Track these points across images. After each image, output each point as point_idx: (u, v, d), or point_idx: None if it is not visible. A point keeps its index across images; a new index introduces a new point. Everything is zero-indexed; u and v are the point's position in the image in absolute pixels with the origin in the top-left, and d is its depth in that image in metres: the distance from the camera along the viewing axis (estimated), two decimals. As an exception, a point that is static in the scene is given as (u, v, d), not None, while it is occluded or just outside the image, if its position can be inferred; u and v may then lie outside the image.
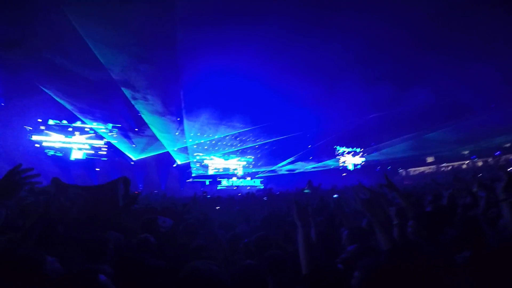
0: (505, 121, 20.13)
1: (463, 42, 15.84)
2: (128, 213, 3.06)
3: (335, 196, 5.36)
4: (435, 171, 27.55)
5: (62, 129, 18.10)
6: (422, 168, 28.94)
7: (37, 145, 17.10)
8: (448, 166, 27.52)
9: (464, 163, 26.93)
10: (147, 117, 19.84)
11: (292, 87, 19.20)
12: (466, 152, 26.60)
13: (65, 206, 2.26)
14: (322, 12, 14.89)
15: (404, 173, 29.52)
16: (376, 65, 17.36)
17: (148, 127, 20.09)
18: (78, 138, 18.41)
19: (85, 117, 18.79)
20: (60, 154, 17.70)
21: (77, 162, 18.31)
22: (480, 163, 25.69)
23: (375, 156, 27.78)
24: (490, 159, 25.05)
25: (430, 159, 28.43)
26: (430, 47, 16.67)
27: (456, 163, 27.20)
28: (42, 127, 17.47)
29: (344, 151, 26.92)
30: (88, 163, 18.70)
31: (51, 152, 17.46)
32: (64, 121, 18.15)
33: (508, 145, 23.83)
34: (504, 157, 24.25)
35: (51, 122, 17.71)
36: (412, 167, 29.13)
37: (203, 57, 16.35)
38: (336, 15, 15.08)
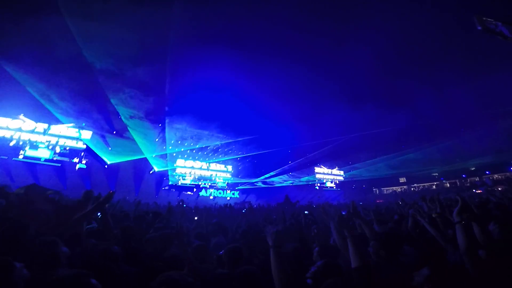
0: (472, 145, 21.63)
1: (440, 66, 17.05)
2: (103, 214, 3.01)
3: (306, 212, 5.47)
4: (406, 191, 28.95)
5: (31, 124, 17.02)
6: (394, 188, 30.33)
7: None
8: (419, 186, 29.10)
9: (433, 184, 28.61)
10: (127, 120, 19.30)
11: (275, 105, 19.70)
12: (436, 174, 28.35)
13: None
14: (305, 36, 15.65)
15: (377, 191, 30.69)
16: (357, 88, 18.27)
17: (128, 131, 19.48)
18: (48, 136, 17.37)
19: (61, 114, 17.84)
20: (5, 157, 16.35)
21: (44, 162, 17.23)
22: (447, 185, 27.42)
23: (351, 174, 28.68)
24: (457, 181, 26.84)
25: (402, 180, 29.96)
26: (410, 71, 17.78)
27: (426, 184, 28.85)
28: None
29: (323, 170, 27.58)
30: (57, 164, 17.63)
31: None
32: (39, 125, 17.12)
33: (473, 168, 25.66)
34: (469, 179, 26.07)
35: (21, 116, 16.57)
36: (385, 186, 30.41)
37: (191, 69, 16.52)
38: (320, 37, 15.86)
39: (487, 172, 24.38)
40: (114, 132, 19.64)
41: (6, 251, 1.73)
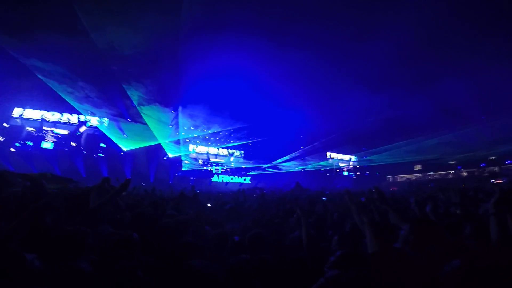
0: (494, 133, 20.67)
1: (468, 49, 15.89)
2: (118, 203, 3.04)
3: (324, 198, 5.39)
4: (421, 179, 28.25)
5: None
6: (409, 175, 29.62)
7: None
8: (434, 175, 28.29)
9: (450, 173, 27.72)
10: (141, 107, 19.61)
11: (288, 90, 19.35)
12: (453, 162, 27.39)
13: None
14: (321, 18, 15.05)
15: (391, 179, 30.12)
16: (373, 71, 17.49)
17: (142, 117, 19.83)
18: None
19: (78, 102, 18.37)
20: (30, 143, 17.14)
21: (63, 151, 17.91)
22: (465, 174, 26.51)
23: (364, 160, 28.22)
24: (475, 170, 25.88)
25: (417, 167, 29.15)
26: (433, 53, 16.73)
27: (443, 172, 27.98)
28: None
29: (335, 156, 27.26)
30: (72, 153, 18.30)
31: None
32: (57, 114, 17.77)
33: (493, 157, 24.64)
34: (487, 169, 25.10)
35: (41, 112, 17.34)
36: (400, 174, 29.75)
37: (204, 55, 16.38)
38: (336, 20, 15.21)
39: (507, 162, 23.39)
40: (129, 120, 20.02)
41: (23, 242, 1.73)
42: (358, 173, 28.64)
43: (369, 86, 18.30)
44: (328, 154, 26.96)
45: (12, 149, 16.38)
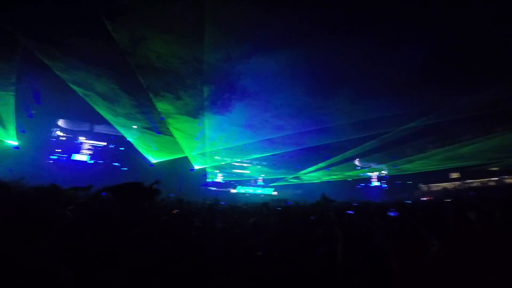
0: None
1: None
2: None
3: (348, 212, 5.19)
4: (460, 187, 26.20)
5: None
6: (445, 184, 27.60)
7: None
8: (474, 183, 26.07)
9: (493, 180, 25.37)
10: (169, 120, 20.37)
11: (313, 99, 19.03)
12: (496, 169, 25.07)
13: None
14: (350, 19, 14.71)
15: (425, 188, 28.27)
16: (410, 72, 16.49)
17: (169, 131, 20.63)
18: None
19: (114, 116, 19.53)
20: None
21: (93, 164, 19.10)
22: (510, 181, 24.13)
23: (396, 169, 26.87)
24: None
25: (454, 175, 27.08)
26: (472, 54, 15.62)
27: (484, 180, 25.71)
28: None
29: (363, 165, 26.27)
30: (105, 165, 19.44)
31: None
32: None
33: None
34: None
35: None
36: (434, 182, 27.85)
37: (228, 66, 16.60)
38: (365, 25, 14.86)
39: None
40: (158, 133, 20.96)
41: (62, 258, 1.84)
42: (388, 182, 27.30)
43: (400, 89, 17.38)
44: (355, 164, 26.03)
45: (48, 161, 17.85)
